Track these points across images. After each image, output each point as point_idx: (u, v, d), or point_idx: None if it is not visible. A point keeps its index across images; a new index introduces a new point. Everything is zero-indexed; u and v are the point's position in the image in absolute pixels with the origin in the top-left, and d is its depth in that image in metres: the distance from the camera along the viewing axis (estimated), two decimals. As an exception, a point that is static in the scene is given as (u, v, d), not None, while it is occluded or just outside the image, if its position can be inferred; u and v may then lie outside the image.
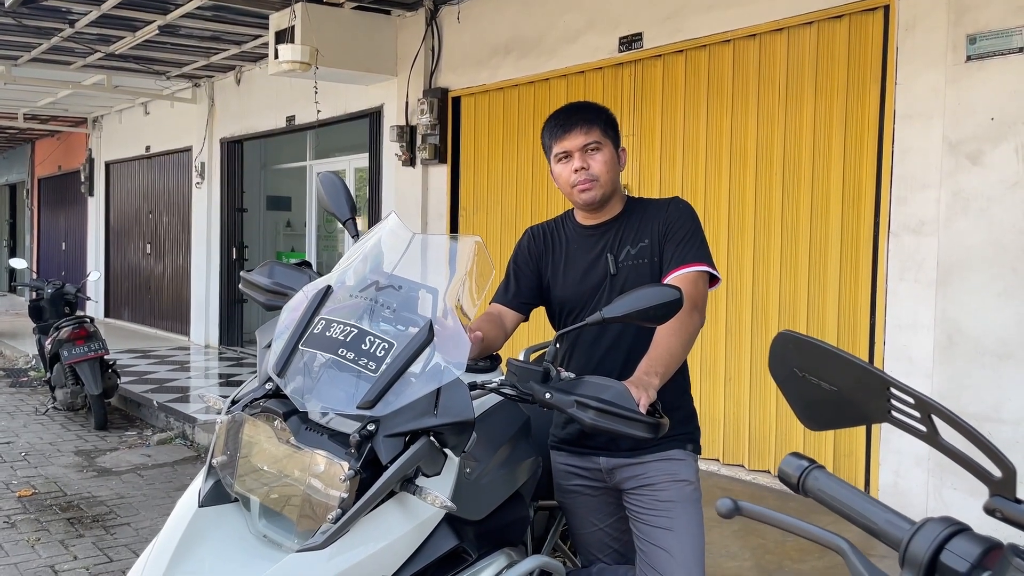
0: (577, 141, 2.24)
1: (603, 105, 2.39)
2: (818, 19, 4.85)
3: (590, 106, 2.36)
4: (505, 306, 2.40)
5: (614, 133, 2.32)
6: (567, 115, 2.30)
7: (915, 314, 4.41)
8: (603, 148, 2.26)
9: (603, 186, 2.26)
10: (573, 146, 2.25)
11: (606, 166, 2.25)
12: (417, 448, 1.67)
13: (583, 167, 2.24)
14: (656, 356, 2.05)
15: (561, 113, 2.32)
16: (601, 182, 2.25)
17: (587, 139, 2.24)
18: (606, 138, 2.27)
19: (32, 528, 4.65)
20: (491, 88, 7.00)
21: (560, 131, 2.27)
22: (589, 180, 2.24)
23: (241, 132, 10.43)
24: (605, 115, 2.31)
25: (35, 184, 18.26)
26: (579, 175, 2.24)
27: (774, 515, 1.00)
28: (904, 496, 4.41)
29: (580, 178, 2.24)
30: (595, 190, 2.25)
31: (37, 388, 8.76)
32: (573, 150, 2.25)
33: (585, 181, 2.24)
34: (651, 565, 2.21)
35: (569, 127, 2.26)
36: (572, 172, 2.25)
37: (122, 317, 13.94)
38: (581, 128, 2.25)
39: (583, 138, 2.24)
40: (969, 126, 4.16)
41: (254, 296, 2.19)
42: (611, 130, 2.30)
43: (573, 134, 2.25)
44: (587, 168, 2.24)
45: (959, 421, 0.87)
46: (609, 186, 2.27)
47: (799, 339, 1.00)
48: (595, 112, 2.31)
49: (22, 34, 8.50)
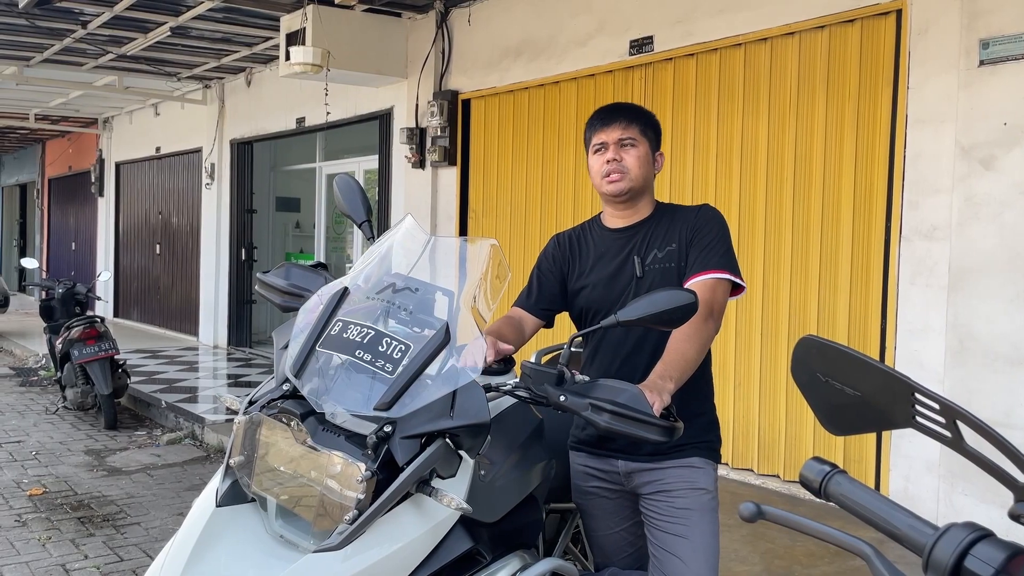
0: (614, 134, 2.31)
1: (648, 109, 2.44)
2: (830, 23, 4.85)
3: (633, 106, 2.43)
4: (527, 311, 2.43)
5: (654, 135, 2.37)
6: (610, 110, 2.37)
7: (926, 319, 4.40)
8: (638, 145, 2.31)
9: (632, 180, 2.29)
10: (609, 138, 2.31)
11: (638, 161, 2.30)
12: (433, 450, 1.67)
13: (616, 159, 2.29)
14: (670, 361, 2.05)
15: (605, 108, 2.40)
16: (631, 175, 2.29)
17: (624, 133, 2.30)
18: (643, 137, 2.33)
19: (43, 527, 4.67)
20: (501, 91, 7.00)
21: (600, 124, 2.34)
22: (619, 171, 2.29)
23: (251, 133, 10.46)
24: (647, 118, 2.37)
25: (45, 184, 18.34)
26: (610, 165, 2.30)
27: (797, 519, 1.00)
28: (914, 501, 4.40)
29: (611, 168, 2.30)
30: (623, 181, 2.29)
31: (48, 387, 8.80)
32: (609, 142, 2.31)
33: (615, 171, 2.29)
34: (664, 573, 2.22)
35: (609, 121, 2.33)
36: (604, 163, 2.31)
37: (131, 317, 13.99)
38: (620, 123, 2.31)
39: (620, 132, 2.30)
40: (982, 131, 4.15)
41: (270, 298, 2.20)
42: (651, 131, 2.35)
43: (612, 127, 2.31)
44: (619, 160, 2.29)
45: (985, 427, 0.87)
46: (639, 181, 2.31)
47: (822, 344, 1.00)
48: (637, 112, 2.37)
49: (35, 35, 8.55)
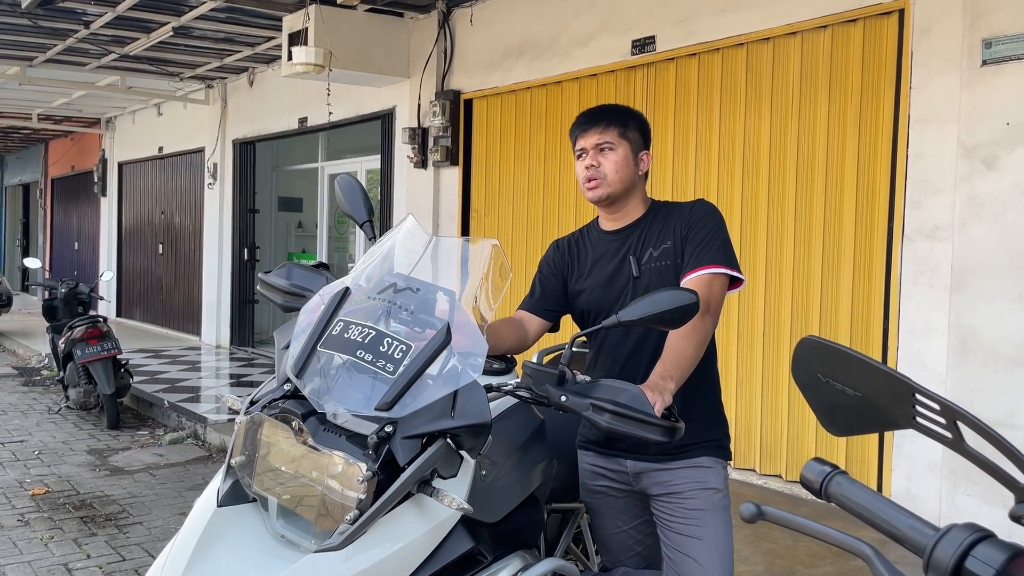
0: (592, 139, 2.30)
1: (635, 109, 2.42)
2: (832, 23, 4.84)
3: (614, 108, 2.39)
4: (531, 312, 2.43)
5: (638, 136, 2.34)
6: (590, 115, 2.36)
7: (929, 319, 4.39)
8: (616, 149, 2.29)
9: (610, 185, 2.29)
10: (588, 143, 2.31)
11: (615, 166, 2.29)
12: (434, 450, 1.67)
13: (593, 164, 2.30)
14: (670, 360, 2.05)
15: (585, 113, 2.38)
16: (608, 181, 2.29)
17: (601, 138, 2.29)
18: (623, 140, 2.30)
19: (46, 526, 4.68)
20: (503, 90, 7.00)
21: (579, 129, 2.35)
22: (596, 177, 2.29)
23: (253, 133, 10.47)
24: (627, 118, 2.34)
25: (48, 184, 18.37)
26: (588, 172, 2.30)
27: (798, 520, 1.00)
28: (917, 502, 4.39)
29: (589, 174, 2.30)
30: (601, 188, 2.29)
31: (50, 387, 8.81)
32: (588, 147, 2.31)
33: (592, 178, 2.30)
34: (679, 574, 2.21)
35: (587, 127, 2.32)
36: (584, 168, 2.32)
37: (134, 317, 14.00)
38: (598, 128, 2.31)
39: (597, 137, 2.30)
40: (984, 131, 4.14)
41: (272, 298, 2.20)
42: (633, 132, 2.33)
43: (590, 133, 2.31)
44: (597, 166, 2.29)
45: (986, 428, 0.87)
46: (617, 186, 2.29)
47: (823, 344, 1.00)
48: (617, 114, 2.35)
49: (37, 35, 8.56)
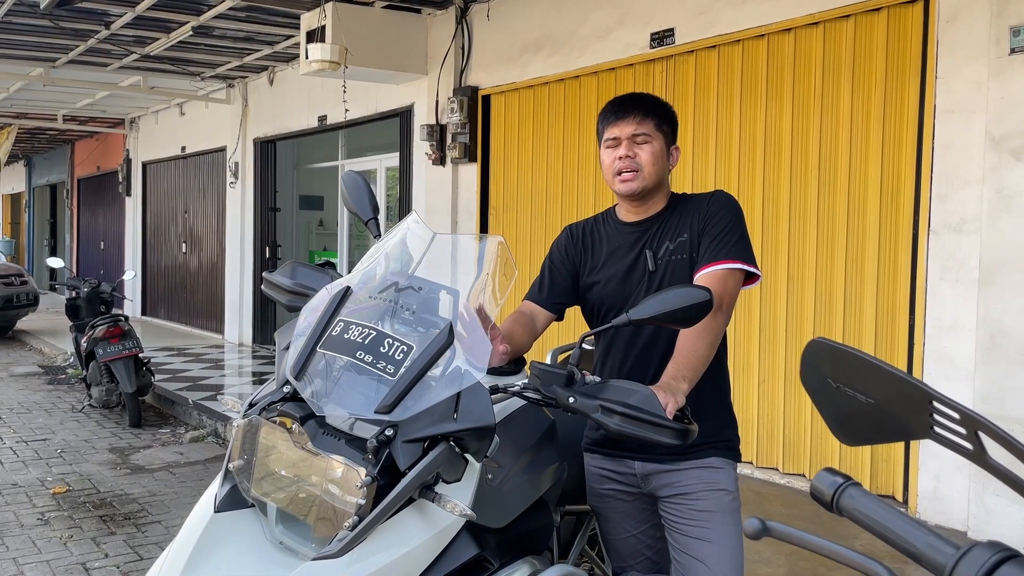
0: (627, 129, 2.19)
1: (665, 101, 2.31)
2: (855, 12, 4.73)
3: (648, 98, 2.28)
4: (538, 305, 2.35)
5: (669, 129, 2.25)
6: (624, 102, 2.24)
7: (956, 315, 4.28)
8: (652, 141, 2.19)
9: (645, 178, 2.19)
10: (623, 133, 2.20)
11: (652, 158, 2.19)
12: (436, 454, 1.62)
13: (629, 155, 2.19)
14: (682, 360, 1.98)
15: (618, 100, 2.26)
16: (644, 173, 2.18)
17: (638, 128, 2.18)
18: (658, 132, 2.21)
19: (65, 525, 4.70)
20: (521, 86, 6.94)
21: (613, 117, 2.22)
22: (632, 170, 2.18)
23: (274, 132, 10.49)
24: (664, 110, 2.25)
25: (75, 184, 18.58)
26: (623, 163, 2.19)
27: (806, 537, 0.94)
28: (944, 502, 4.29)
29: (623, 166, 2.19)
30: (636, 181, 2.19)
31: (74, 386, 8.89)
32: (622, 137, 2.20)
33: (628, 169, 2.19)
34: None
35: (623, 114, 2.21)
36: (617, 159, 2.20)
37: (158, 315, 14.12)
38: (634, 117, 2.19)
39: (634, 127, 2.18)
40: (1013, 121, 4.02)
41: (276, 297, 2.16)
42: (666, 125, 2.24)
43: (625, 121, 2.20)
44: (632, 157, 2.18)
45: (1010, 439, 0.80)
46: (652, 179, 2.20)
47: (833, 347, 0.94)
48: (652, 104, 2.24)
49: (59, 36, 8.63)
